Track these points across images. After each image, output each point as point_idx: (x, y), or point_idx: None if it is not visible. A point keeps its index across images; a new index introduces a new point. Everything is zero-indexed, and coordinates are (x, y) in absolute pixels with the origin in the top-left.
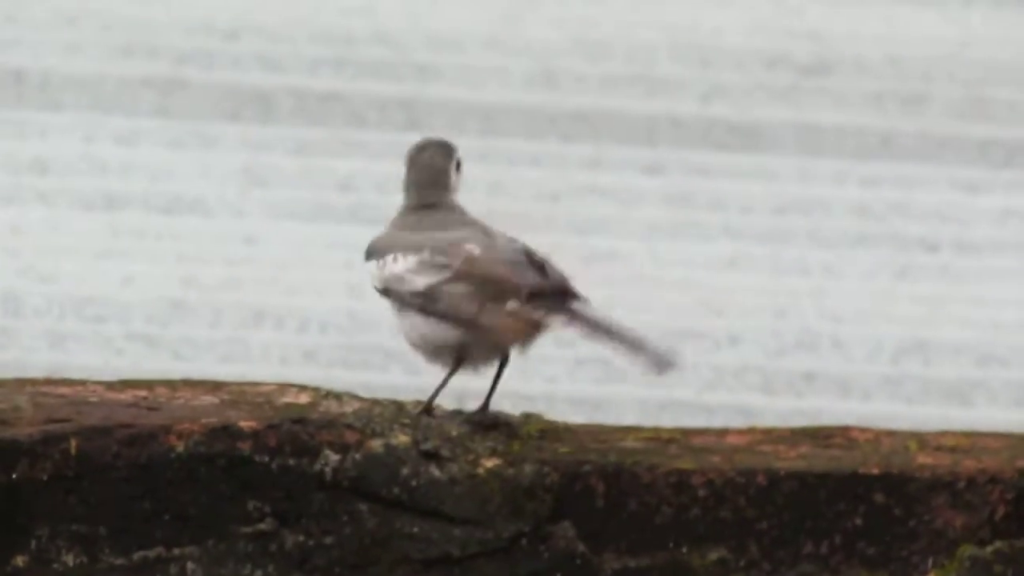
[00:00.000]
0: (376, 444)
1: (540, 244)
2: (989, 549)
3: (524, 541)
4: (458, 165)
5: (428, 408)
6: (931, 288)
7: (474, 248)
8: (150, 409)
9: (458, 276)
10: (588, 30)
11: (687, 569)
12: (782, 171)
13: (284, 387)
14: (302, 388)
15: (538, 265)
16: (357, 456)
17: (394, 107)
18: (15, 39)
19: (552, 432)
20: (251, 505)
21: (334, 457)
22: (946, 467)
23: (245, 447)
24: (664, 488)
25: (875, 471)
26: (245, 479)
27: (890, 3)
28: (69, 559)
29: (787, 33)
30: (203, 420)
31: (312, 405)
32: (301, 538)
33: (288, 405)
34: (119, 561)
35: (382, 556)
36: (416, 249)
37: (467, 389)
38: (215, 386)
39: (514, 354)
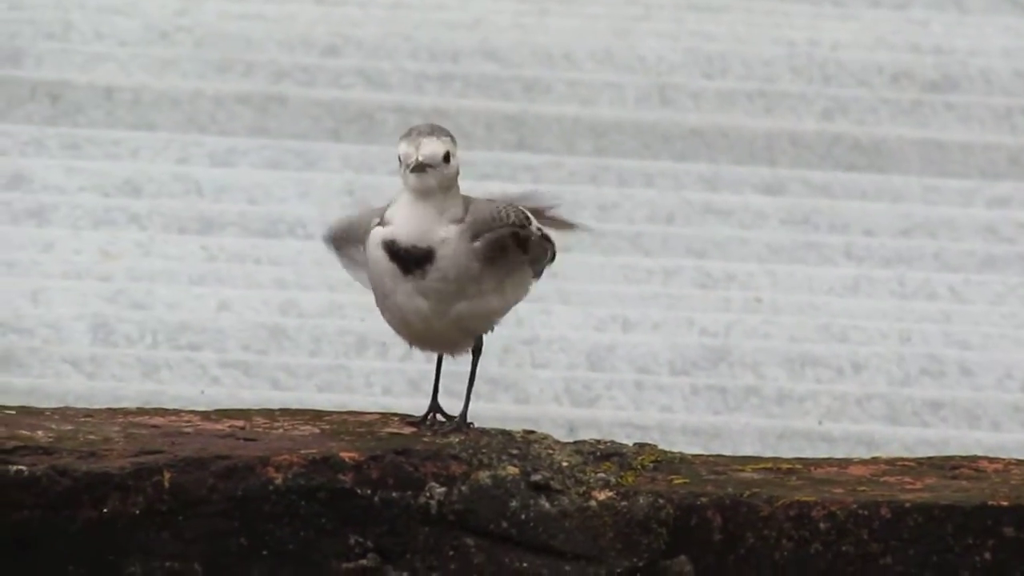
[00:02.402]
0: (483, 476)
1: (654, 267)
2: None
3: None
4: None
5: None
6: None
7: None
8: (247, 440)
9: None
10: (704, 45)
11: None
12: (907, 191)
13: (387, 417)
14: (406, 418)
15: None
16: (464, 488)
17: (502, 124)
18: (105, 55)
19: (667, 463)
20: (353, 540)
21: (439, 490)
22: None
23: (347, 479)
24: (784, 521)
25: (1005, 503)
26: (346, 513)
27: (1018, 16)
28: None
29: (911, 48)
30: (303, 451)
31: (416, 436)
32: (405, 574)
33: (392, 435)
34: None
35: None
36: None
37: (579, 419)
38: (315, 416)
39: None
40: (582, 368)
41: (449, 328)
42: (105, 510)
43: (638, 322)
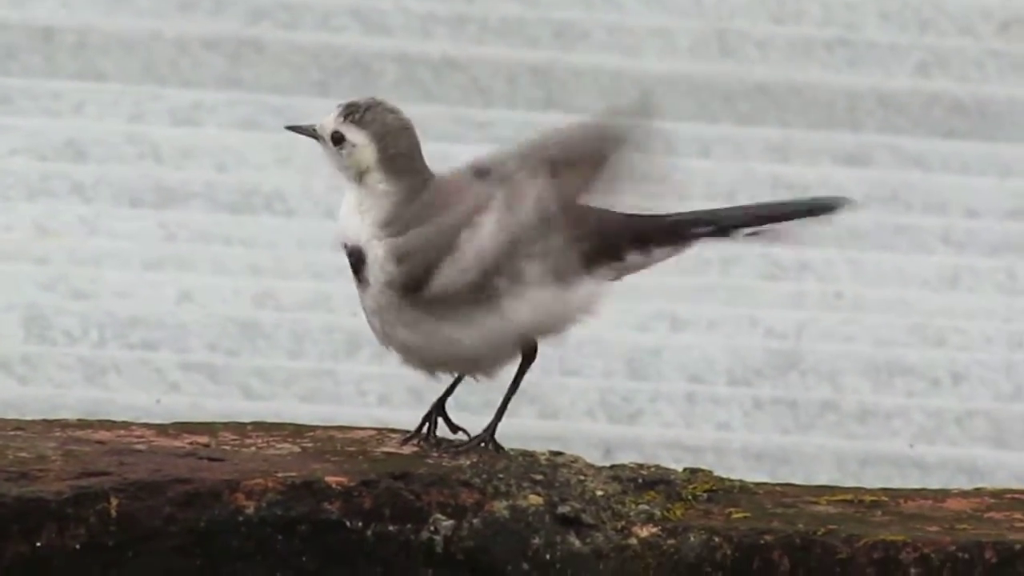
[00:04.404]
0: (500, 506)
1: (709, 254)
2: None
3: None
4: None
5: (492, 435)
6: None
7: None
8: (212, 460)
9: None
10: None
11: None
12: (1018, 162)
13: (384, 433)
14: (406, 434)
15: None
16: (476, 522)
17: (528, 78)
18: None
19: (724, 493)
20: None
21: (446, 523)
22: None
23: (333, 509)
24: (867, 565)
25: None
26: (333, 550)
27: None
28: None
29: None
30: (280, 474)
31: (419, 457)
32: None
33: (388, 456)
34: None
35: None
36: None
37: (617, 437)
38: (296, 431)
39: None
40: (621, 376)
41: (408, 353)
42: (39, 544)
43: (690, 320)
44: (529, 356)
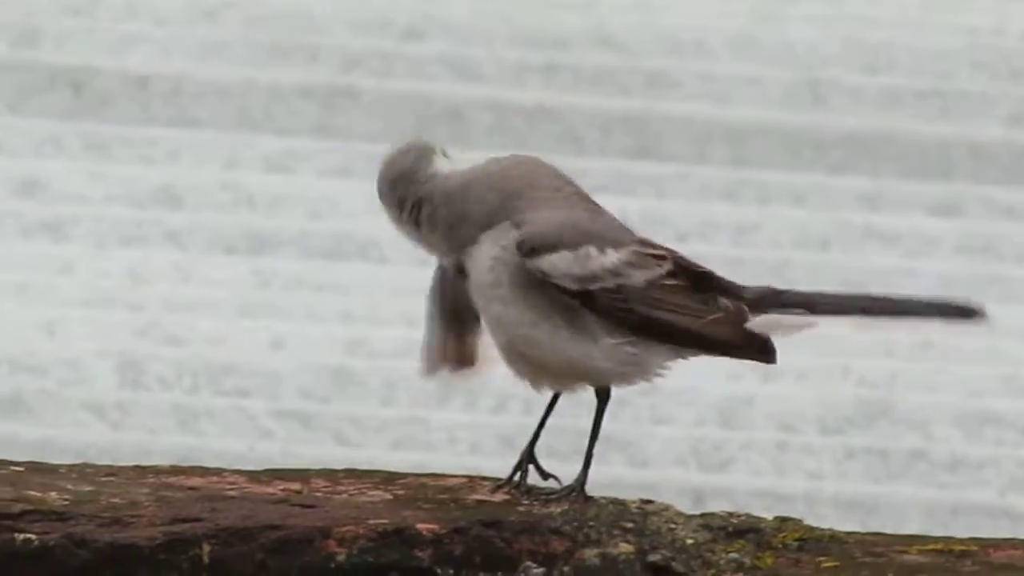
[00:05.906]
0: (590, 554)
1: None
2: None
3: None
4: None
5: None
6: None
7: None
8: (304, 507)
9: (676, 272)
10: (865, 32)
11: None
12: None
13: (475, 481)
14: (497, 483)
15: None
16: (566, 569)
17: (620, 126)
18: (139, 37)
19: (814, 542)
20: None
21: (537, 570)
22: None
23: (424, 556)
24: None
25: None
26: None
27: None
28: None
29: None
30: (371, 522)
31: (510, 504)
32: None
33: (479, 504)
34: None
35: None
36: (615, 241)
37: (708, 486)
38: (387, 479)
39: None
40: (712, 424)
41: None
42: None
43: (781, 370)
44: (603, 397)
